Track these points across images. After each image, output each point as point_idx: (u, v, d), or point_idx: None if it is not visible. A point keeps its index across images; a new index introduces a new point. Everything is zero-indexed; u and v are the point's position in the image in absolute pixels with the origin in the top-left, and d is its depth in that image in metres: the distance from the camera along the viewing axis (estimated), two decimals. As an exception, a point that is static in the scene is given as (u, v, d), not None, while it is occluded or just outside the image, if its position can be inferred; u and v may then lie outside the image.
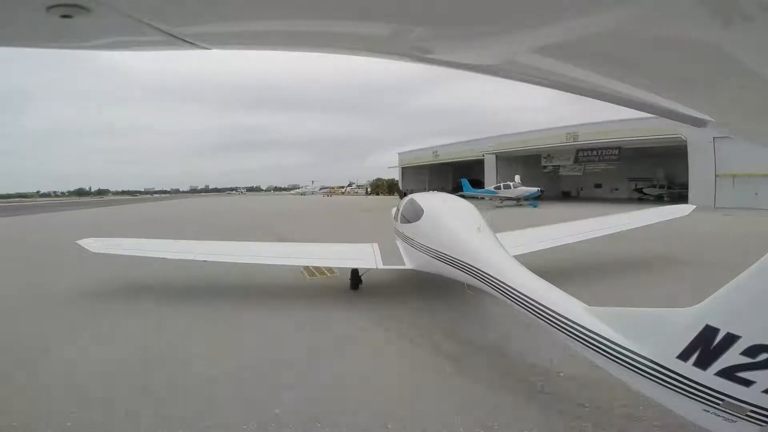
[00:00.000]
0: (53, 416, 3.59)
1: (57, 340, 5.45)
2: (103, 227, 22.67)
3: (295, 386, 4.04)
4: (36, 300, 7.51)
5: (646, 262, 9.56)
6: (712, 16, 0.65)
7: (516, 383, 3.97)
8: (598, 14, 0.69)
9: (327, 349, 4.98)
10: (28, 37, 0.81)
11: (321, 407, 3.64)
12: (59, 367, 4.64)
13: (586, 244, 8.91)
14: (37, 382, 4.28)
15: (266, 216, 28.42)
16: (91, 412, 3.64)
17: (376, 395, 3.84)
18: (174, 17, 0.76)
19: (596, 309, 2.87)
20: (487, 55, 0.92)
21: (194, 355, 4.89)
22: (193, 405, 3.73)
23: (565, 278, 7.72)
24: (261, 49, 0.95)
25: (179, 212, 36.95)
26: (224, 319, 6.24)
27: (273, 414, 3.52)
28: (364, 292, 7.40)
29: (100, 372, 4.45)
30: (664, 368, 2.26)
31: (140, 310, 6.72)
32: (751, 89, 0.93)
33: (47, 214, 37.75)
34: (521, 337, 4.87)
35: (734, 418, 1.99)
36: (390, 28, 0.82)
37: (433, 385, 3.98)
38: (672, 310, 2.37)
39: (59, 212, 40.33)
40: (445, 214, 6.22)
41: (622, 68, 0.93)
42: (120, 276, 8.95)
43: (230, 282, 8.46)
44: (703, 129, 1.20)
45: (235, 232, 17.69)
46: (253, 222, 23.67)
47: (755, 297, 1.95)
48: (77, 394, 3.97)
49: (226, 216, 30.50)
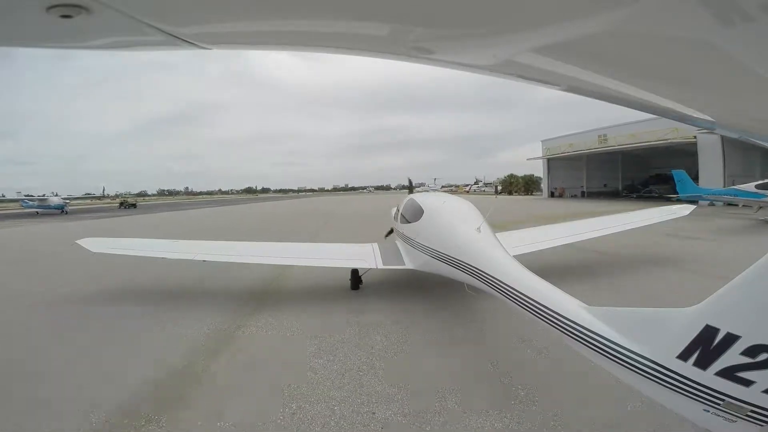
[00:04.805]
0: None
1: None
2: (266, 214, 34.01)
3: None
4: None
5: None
6: (712, 16, 0.65)
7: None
8: (598, 14, 0.69)
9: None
10: (28, 37, 0.81)
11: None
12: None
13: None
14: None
15: (349, 218, 26.91)
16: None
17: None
18: (174, 17, 0.76)
19: (596, 309, 2.86)
20: (488, 55, 0.92)
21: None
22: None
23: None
24: (261, 49, 0.95)
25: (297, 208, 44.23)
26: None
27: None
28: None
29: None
30: (664, 368, 2.25)
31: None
32: (751, 89, 0.93)
33: (230, 206, 54.11)
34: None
35: (734, 418, 1.99)
36: (390, 28, 0.82)
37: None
38: (672, 310, 2.37)
39: (238, 204, 61.50)
40: (445, 214, 6.22)
41: (622, 68, 0.92)
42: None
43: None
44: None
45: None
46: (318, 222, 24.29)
47: (755, 297, 1.95)
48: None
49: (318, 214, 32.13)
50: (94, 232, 18.65)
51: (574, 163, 41.75)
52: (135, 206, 56.30)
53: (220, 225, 25.06)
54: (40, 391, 4.08)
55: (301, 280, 8.63)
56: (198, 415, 3.60)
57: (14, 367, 4.71)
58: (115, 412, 3.64)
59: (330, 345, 5.11)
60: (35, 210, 42.66)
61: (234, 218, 31.43)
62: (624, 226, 9.23)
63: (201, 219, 31.54)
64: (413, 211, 7.01)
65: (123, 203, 57.75)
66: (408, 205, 7.58)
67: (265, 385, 4.12)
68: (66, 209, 42.56)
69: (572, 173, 42.22)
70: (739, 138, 1.40)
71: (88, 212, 45.09)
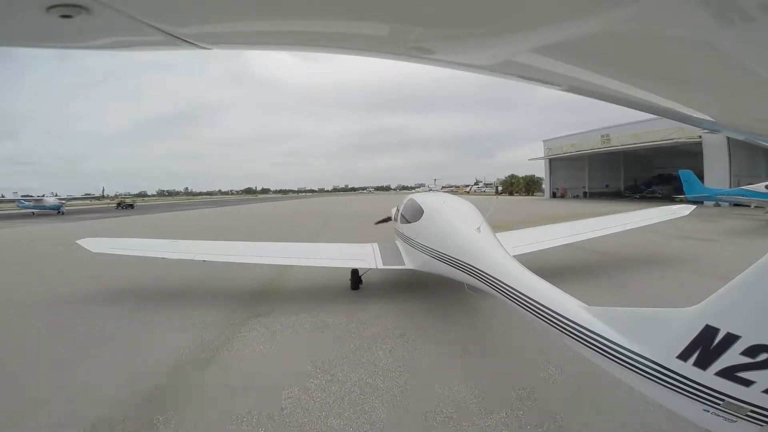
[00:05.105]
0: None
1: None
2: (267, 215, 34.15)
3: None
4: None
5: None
6: (712, 16, 0.65)
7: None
8: (598, 14, 0.69)
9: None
10: (28, 37, 0.81)
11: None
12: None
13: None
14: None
15: (349, 218, 26.71)
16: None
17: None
18: (174, 17, 0.76)
19: (596, 309, 2.87)
20: (488, 55, 0.92)
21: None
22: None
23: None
24: (261, 49, 0.95)
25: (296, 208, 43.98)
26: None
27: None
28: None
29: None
30: (663, 368, 2.26)
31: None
32: (751, 89, 0.93)
33: (232, 206, 55.29)
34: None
35: (734, 418, 1.99)
36: (390, 28, 0.82)
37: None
38: (672, 309, 2.37)
39: (237, 205, 60.74)
40: (445, 214, 6.22)
41: (622, 68, 0.92)
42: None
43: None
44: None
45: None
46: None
47: (755, 297, 1.95)
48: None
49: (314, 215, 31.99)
50: (88, 233, 18.41)
51: (576, 163, 41.64)
52: (132, 207, 55.69)
53: (219, 227, 24.01)
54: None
55: (301, 280, 8.62)
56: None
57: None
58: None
59: (329, 360, 4.64)
60: (31, 210, 42.42)
61: (233, 219, 30.65)
62: (624, 226, 9.24)
63: (199, 221, 30.64)
64: (413, 211, 7.01)
65: (120, 204, 57.04)
66: (408, 205, 7.58)
67: (252, 412, 3.60)
68: (62, 210, 42.26)
69: (574, 173, 41.97)
70: (744, 139, 1.39)
71: (84, 213, 44.55)
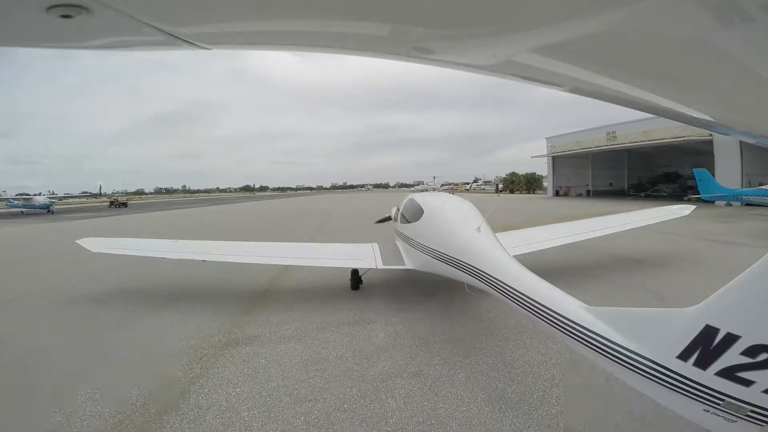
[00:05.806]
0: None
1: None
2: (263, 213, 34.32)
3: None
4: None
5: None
6: (712, 16, 0.65)
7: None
8: (598, 14, 0.69)
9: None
10: (28, 37, 0.81)
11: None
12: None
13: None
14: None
15: (348, 217, 26.50)
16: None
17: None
18: (174, 17, 0.76)
19: (596, 309, 2.87)
20: (488, 55, 0.92)
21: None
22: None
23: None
24: (261, 49, 0.95)
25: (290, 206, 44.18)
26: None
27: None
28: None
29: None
30: (663, 368, 2.26)
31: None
32: (751, 89, 0.93)
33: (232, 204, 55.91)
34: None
35: (734, 418, 1.99)
36: (390, 28, 0.82)
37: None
38: (672, 309, 2.37)
39: (233, 203, 60.89)
40: (445, 214, 6.22)
41: (622, 68, 0.92)
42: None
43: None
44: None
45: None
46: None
47: (755, 297, 1.95)
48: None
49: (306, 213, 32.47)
50: (71, 234, 17.90)
51: (580, 161, 40.94)
52: (126, 205, 53.24)
53: (216, 229, 21.80)
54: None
55: (301, 280, 8.62)
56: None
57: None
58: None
59: (329, 376, 4.30)
60: (20, 210, 41.50)
61: (229, 218, 29.83)
62: (624, 226, 9.22)
63: (195, 221, 28.46)
64: (413, 211, 7.01)
65: (113, 202, 54.10)
66: (408, 205, 7.58)
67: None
68: (52, 209, 41.33)
69: (577, 171, 41.26)
70: (744, 140, 1.39)
71: (74, 212, 42.57)
